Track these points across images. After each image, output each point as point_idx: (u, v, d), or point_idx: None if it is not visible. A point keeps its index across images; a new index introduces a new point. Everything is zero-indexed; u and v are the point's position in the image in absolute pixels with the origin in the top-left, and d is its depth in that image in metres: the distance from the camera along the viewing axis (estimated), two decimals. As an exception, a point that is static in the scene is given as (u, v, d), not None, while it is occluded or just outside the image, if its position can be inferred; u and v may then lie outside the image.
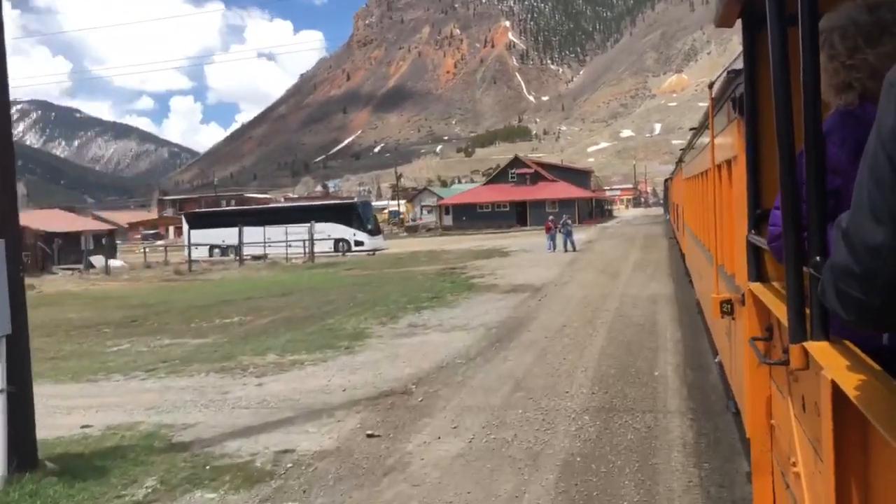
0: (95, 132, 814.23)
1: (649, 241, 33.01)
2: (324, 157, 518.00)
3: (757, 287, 2.81)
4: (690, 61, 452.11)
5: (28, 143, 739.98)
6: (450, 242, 45.73)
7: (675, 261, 22.13)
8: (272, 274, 29.00)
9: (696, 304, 11.72)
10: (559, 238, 29.93)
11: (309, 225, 34.84)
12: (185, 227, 45.37)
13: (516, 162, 70.29)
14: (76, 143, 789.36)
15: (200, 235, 43.70)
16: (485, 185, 72.06)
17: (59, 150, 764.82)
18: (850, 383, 1.33)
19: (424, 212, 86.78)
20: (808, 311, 1.70)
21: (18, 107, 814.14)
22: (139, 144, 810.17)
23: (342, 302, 17.48)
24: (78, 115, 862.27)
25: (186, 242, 45.01)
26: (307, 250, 33.77)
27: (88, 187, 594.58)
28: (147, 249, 50.81)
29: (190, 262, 33.19)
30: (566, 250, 29.43)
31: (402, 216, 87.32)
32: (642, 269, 20.64)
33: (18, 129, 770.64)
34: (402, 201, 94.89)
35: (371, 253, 37.54)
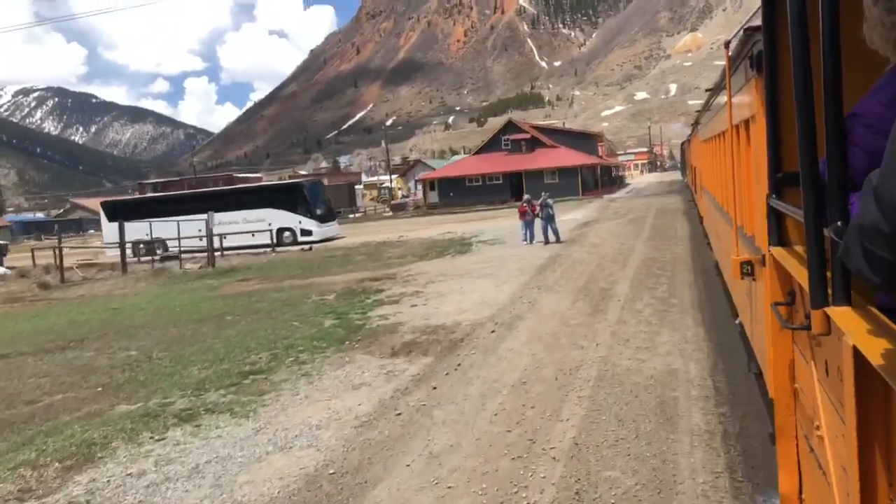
0: (112, 117, 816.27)
1: (664, 222, 24.69)
2: (336, 132, 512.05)
3: (778, 251, 2.76)
4: (705, 19, 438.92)
5: (46, 130, 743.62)
6: (421, 226, 37.58)
7: (704, 268, 13.92)
8: (143, 289, 21.17)
9: (715, 266, 11.74)
10: (538, 225, 21.67)
11: (208, 214, 26.80)
12: (104, 219, 37.49)
13: (510, 126, 60.91)
14: (93, 128, 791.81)
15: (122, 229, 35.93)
16: (475, 154, 62.96)
17: (77, 136, 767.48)
18: (873, 349, 1.33)
19: (419, 187, 78.45)
20: (829, 275, 1.69)
21: (35, 94, 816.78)
22: (155, 127, 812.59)
23: (83, 387, 9.55)
24: (94, 100, 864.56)
25: (105, 239, 37.48)
26: (208, 248, 25.70)
27: (107, 172, 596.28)
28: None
29: (61, 269, 25.41)
30: (546, 242, 21.24)
31: (392, 193, 79.21)
32: (650, 288, 12.47)
33: (36, 117, 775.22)
34: (395, 176, 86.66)
35: (308, 248, 29.46)
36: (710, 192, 11.50)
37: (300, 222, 34.25)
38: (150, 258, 31.09)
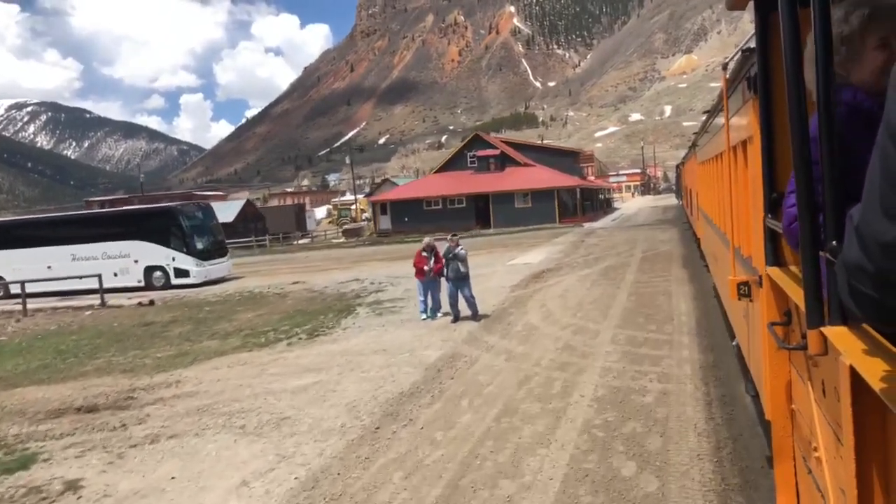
0: (105, 132, 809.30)
1: (652, 280, 16.28)
2: (327, 150, 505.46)
3: (774, 271, 2.76)
4: (700, 41, 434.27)
5: (39, 144, 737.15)
6: (344, 263, 29.14)
7: (744, 458, 5.42)
8: None
9: (713, 289, 11.65)
10: (445, 288, 13.13)
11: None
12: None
13: (477, 141, 52.26)
14: (86, 143, 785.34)
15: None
16: (436, 172, 54.16)
17: (70, 150, 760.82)
18: (869, 368, 1.32)
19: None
20: (825, 295, 1.68)
21: (28, 109, 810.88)
22: (148, 143, 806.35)
23: None
24: (88, 115, 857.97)
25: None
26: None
27: (98, 187, 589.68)
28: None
29: None
30: (455, 318, 12.78)
31: (353, 215, 70.89)
32: None
33: (29, 132, 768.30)
34: (360, 196, 78.35)
35: (148, 302, 20.73)
36: (707, 214, 11.26)
37: (174, 259, 25.71)
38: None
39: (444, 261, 12.88)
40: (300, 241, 55.34)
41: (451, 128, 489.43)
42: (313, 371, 9.85)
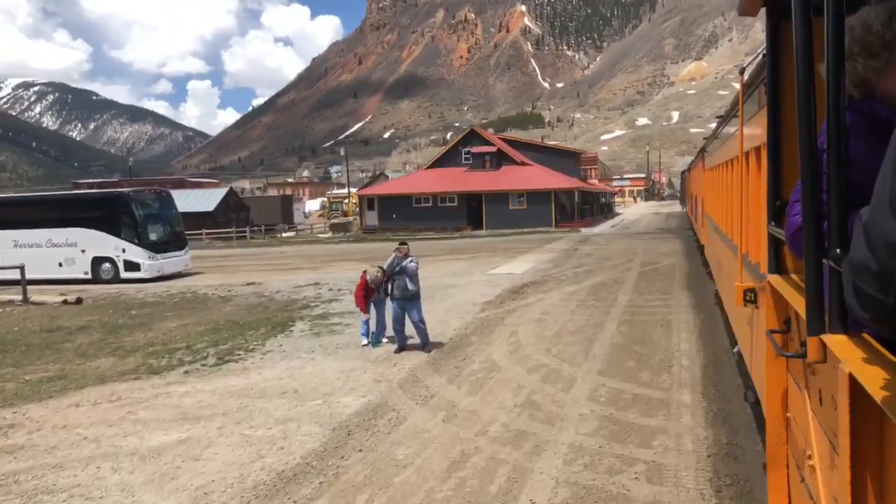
0: (111, 115, 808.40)
1: (649, 304, 13.74)
2: (332, 142, 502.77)
3: (776, 279, 2.75)
4: (710, 48, 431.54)
5: (45, 124, 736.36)
6: (316, 262, 26.67)
7: None
8: None
9: (715, 295, 11.89)
10: (390, 310, 10.58)
11: None
12: None
13: (472, 137, 49.56)
14: (92, 125, 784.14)
15: None
16: (428, 168, 51.47)
17: (76, 132, 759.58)
18: (868, 377, 1.32)
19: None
20: (826, 303, 1.69)
21: (35, 89, 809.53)
22: (154, 128, 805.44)
23: None
24: (95, 97, 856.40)
25: None
26: None
27: (101, 170, 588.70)
28: None
29: None
30: (401, 347, 10.27)
31: (343, 209, 68.37)
32: None
33: (35, 111, 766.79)
34: (353, 190, 75.77)
35: (75, 300, 18.14)
36: (714, 220, 11.12)
37: (124, 251, 23.23)
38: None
39: (389, 276, 10.34)
40: (285, 234, 52.83)
41: (457, 124, 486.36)
42: (189, 421, 7.37)
